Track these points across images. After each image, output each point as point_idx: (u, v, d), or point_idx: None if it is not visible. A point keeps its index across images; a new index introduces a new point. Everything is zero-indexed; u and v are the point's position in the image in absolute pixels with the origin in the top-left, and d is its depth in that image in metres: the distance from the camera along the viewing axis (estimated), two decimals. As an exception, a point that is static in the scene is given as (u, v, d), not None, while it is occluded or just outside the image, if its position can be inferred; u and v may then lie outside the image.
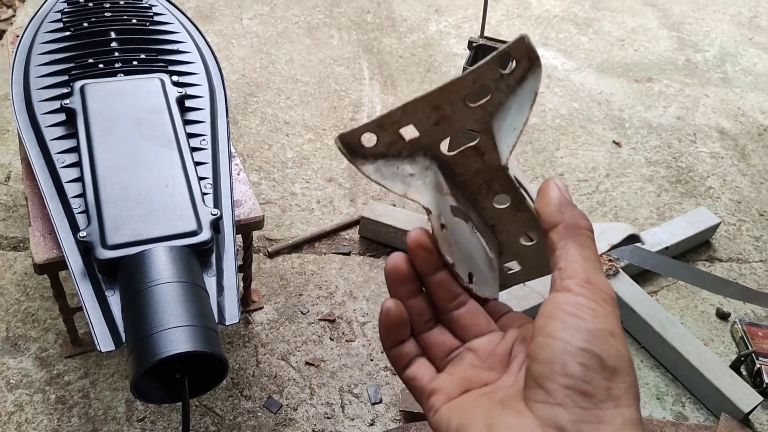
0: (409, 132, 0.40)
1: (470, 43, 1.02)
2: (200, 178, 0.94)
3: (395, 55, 1.88)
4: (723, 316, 1.29)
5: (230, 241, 0.91)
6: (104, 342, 0.77)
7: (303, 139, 1.54)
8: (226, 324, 0.83)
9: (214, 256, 0.88)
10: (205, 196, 0.92)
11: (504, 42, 1.02)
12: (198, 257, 0.85)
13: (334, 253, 1.30)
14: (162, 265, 0.80)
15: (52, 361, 1.04)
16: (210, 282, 0.85)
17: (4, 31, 1.91)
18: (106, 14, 1.15)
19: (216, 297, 0.84)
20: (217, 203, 0.93)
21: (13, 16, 2.02)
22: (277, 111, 1.61)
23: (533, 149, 1.61)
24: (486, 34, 1.19)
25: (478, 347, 0.39)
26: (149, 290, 0.77)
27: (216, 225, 0.89)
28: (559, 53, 2.01)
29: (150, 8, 1.20)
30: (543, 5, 2.25)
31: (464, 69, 1.00)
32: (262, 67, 1.74)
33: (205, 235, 0.85)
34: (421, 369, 0.39)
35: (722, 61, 2.10)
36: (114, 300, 0.81)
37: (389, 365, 1.11)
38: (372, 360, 1.11)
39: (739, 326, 1.24)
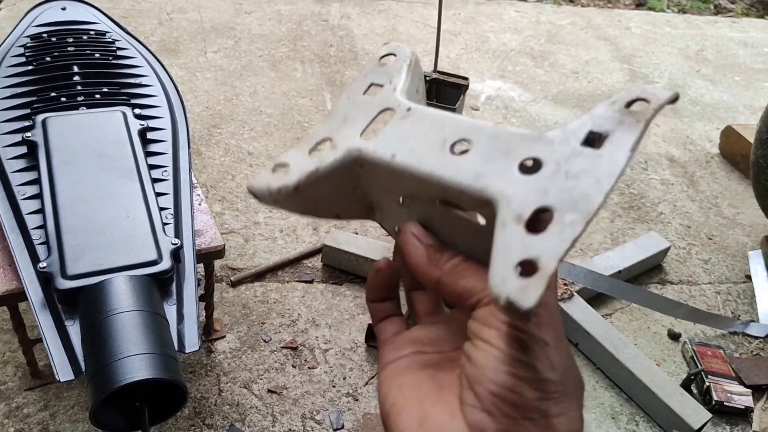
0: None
1: (424, 77, 1.06)
2: (161, 209, 0.95)
3: (357, 87, 1.93)
4: (674, 336, 1.33)
5: (191, 270, 0.92)
6: (63, 371, 0.78)
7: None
8: (186, 352, 0.84)
9: (174, 284, 0.89)
10: (165, 226, 0.93)
11: (457, 76, 1.06)
12: (158, 286, 0.87)
13: (297, 281, 1.32)
14: (122, 294, 0.81)
15: (11, 394, 1.03)
16: (170, 310, 0.86)
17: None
18: (69, 48, 1.17)
19: (176, 325, 0.85)
20: (177, 233, 0.94)
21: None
22: (241, 142, 1.64)
23: (492, 178, 1.66)
24: (445, 68, 1.24)
25: (453, 320, 0.38)
26: (109, 319, 0.78)
27: (176, 254, 0.90)
28: (516, 85, 2.08)
29: (113, 43, 1.22)
30: (500, 39, 2.33)
31: (419, 101, 1.04)
32: (226, 100, 1.77)
33: (166, 264, 0.87)
34: (391, 324, 0.40)
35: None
36: (74, 329, 0.81)
37: (351, 391, 1.12)
38: (334, 386, 1.13)
39: (690, 346, 1.29)
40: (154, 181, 0.99)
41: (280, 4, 2.28)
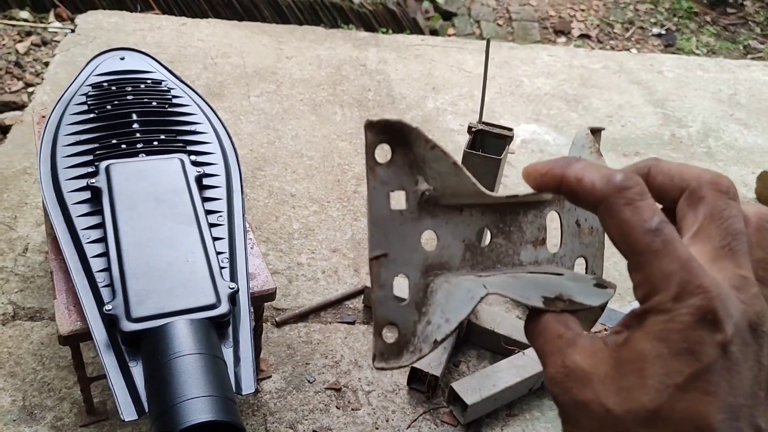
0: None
1: (470, 128, 1.10)
2: (218, 253, 0.99)
3: (395, 130, 1.97)
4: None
5: (246, 313, 0.96)
6: (127, 411, 0.81)
7: (308, 211, 1.61)
8: (243, 394, 0.87)
9: (231, 327, 0.93)
10: (222, 270, 0.97)
11: (501, 127, 1.10)
12: (216, 329, 0.90)
13: (339, 322, 1.34)
14: (183, 337, 0.85)
15: (67, 430, 1.06)
16: (227, 353, 0.89)
17: (14, 103, 2.00)
18: (128, 97, 1.23)
19: (233, 367, 0.88)
20: (233, 277, 0.98)
21: (24, 88, 2.12)
22: (284, 184, 1.69)
23: (528, 221, 1.69)
24: (479, 111, 1.27)
25: None
26: (172, 362, 0.82)
27: (233, 298, 0.94)
28: (550, 129, 2.11)
29: (169, 91, 1.28)
30: (534, 83, 2.37)
31: (464, 152, 1.08)
32: (269, 143, 1.83)
33: (224, 308, 0.91)
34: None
35: (705, 136, 2.21)
36: (137, 371, 0.85)
37: (394, 434, 1.14)
38: (377, 428, 1.14)
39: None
40: (211, 226, 1.03)
41: (319, 49, 2.36)
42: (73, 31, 2.29)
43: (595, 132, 0.38)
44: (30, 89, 2.08)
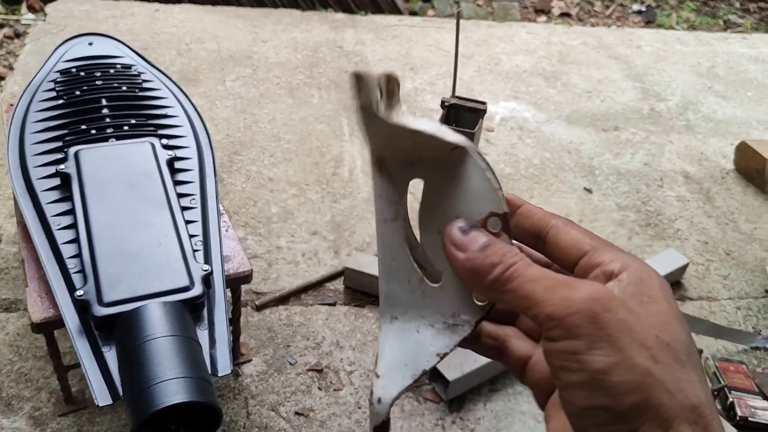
0: None
1: (443, 102, 1.09)
2: (191, 236, 0.98)
3: (373, 111, 1.96)
4: (696, 352, 1.34)
5: (221, 295, 0.95)
6: (102, 396, 0.81)
7: (287, 194, 1.60)
8: (219, 375, 0.86)
9: (205, 310, 0.92)
10: (196, 253, 0.96)
11: (475, 101, 1.09)
12: (190, 311, 0.89)
13: (320, 304, 1.34)
14: (157, 320, 0.84)
15: (46, 420, 1.05)
16: (202, 335, 0.88)
17: (-11, 97, 1.96)
18: (97, 82, 1.21)
19: (208, 349, 0.87)
20: (207, 259, 0.97)
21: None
22: (262, 168, 1.67)
23: (508, 198, 1.68)
24: (459, 91, 1.26)
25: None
26: (145, 344, 0.81)
27: (207, 280, 0.93)
28: (529, 106, 2.11)
29: (139, 75, 1.26)
30: (513, 61, 2.36)
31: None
32: (245, 127, 1.81)
33: (197, 290, 0.90)
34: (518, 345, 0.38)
35: (684, 110, 2.21)
36: (110, 355, 0.84)
37: (377, 412, 1.14)
38: (360, 408, 1.14)
39: (712, 362, 1.30)
40: (183, 209, 1.02)
41: (295, 32, 2.33)
42: (43, 20, 2.25)
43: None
44: (2, 82, 2.05)
